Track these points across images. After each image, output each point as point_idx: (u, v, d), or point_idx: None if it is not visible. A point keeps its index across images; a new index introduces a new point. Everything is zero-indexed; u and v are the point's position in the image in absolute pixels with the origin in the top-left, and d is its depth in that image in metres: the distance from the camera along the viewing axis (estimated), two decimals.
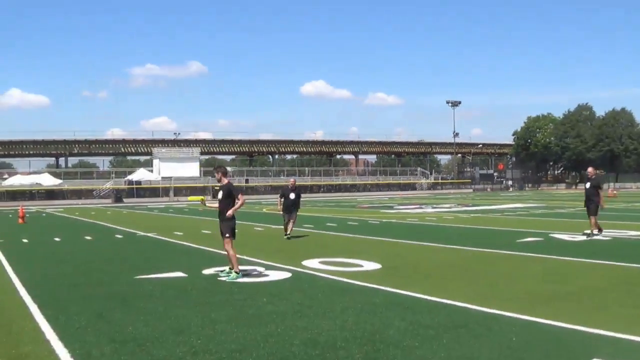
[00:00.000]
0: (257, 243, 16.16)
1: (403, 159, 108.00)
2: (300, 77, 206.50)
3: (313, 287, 9.29)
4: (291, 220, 17.08)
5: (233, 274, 10.12)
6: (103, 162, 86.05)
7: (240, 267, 10.53)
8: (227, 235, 10.23)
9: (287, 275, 10.45)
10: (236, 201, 10.25)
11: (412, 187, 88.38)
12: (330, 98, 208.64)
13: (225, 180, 10.51)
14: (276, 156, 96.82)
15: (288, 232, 16.94)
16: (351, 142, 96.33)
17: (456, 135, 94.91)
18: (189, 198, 14.35)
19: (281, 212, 17.43)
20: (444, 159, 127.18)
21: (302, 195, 23.51)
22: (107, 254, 14.01)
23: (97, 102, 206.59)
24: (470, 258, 12.27)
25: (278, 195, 17.83)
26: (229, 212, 10.17)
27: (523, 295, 8.44)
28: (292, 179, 18.00)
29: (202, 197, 12.62)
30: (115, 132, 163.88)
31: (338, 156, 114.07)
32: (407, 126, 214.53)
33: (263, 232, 19.75)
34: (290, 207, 17.26)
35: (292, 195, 17.34)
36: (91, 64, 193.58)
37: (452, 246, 14.38)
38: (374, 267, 11.18)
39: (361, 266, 11.34)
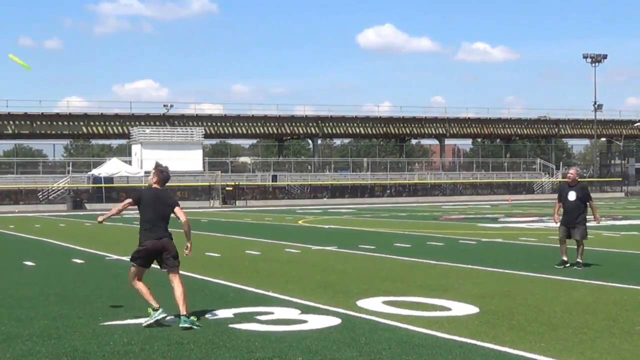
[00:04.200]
0: (289, 272, 16.18)
1: (514, 146, 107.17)
2: (358, 20, 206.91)
3: (373, 340, 9.26)
4: (575, 240, 16.38)
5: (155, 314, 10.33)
6: (54, 149, 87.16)
7: (261, 308, 10.47)
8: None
9: (335, 321, 10.45)
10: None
11: (527, 188, 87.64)
12: (404, 51, 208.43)
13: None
14: (319, 141, 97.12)
15: (564, 257, 16.40)
16: (434, 120, 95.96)
17: (598, 108, 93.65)
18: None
19: (556, 223, 16.98)
20: (577, 145, 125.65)
21: (360, 199, 23.36)
22: (60, 289, 14.19)
23: (44, 55, 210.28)
24: (625, 301, 12.07)
25: (557, 198, 17.13)
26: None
27: None
28: (572, 170, 17.10)
29: None
30: (73, 103, 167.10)
31: (414, 141, 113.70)
32: (522, 94, 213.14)
33: (299, 256, 19.82)
34: (573, 215, 16.50)
35: (571, 195, 16.61)
36: None
37: (592, 281, 14.19)
38: (468, 312, 11.11)
39: (448, 309, 11.29)
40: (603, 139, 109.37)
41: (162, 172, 11.11)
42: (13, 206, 65.18)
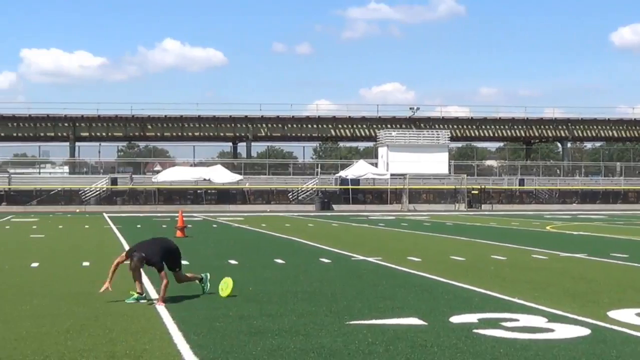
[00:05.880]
0: (536, 279, 15.93)
1: None
2: (613, 19, 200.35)
3: (626, 354, 8.96)
4: None
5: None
6: (304, 151, 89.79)
7: (506, 314, 10.35)
8: None
9: (584, 332, 10.19)
10: None
11: None
12: None
13: None
14: (568, 144, 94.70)
15: None
16: None
17: None
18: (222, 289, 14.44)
19: None
20: None
21: (612, 205, 22.52)
22: (307, 286, 14.58)
23: (295, 60, 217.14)
24: None
25: None
26: None
27: None
28: None
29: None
30: (322, 106, 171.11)
31: None
32: None
33: (546, 263, 19.43)
34: None
35: None
36: (286, 5, 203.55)
37: None
38: None
39: None
40: None
41: None
42: (265, 205, 67.78)
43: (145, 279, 13.87)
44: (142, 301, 12.42)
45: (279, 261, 19.39)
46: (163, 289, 12.26)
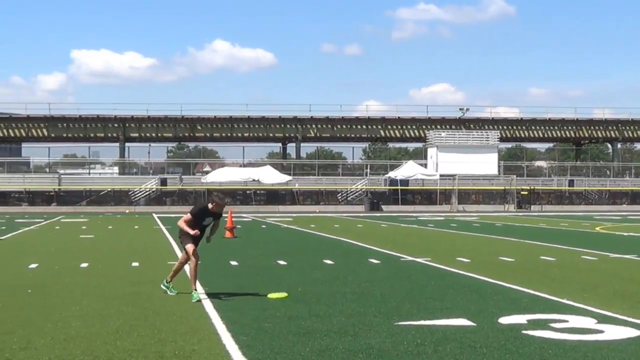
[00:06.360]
0: (585, 280, 15.80)
1: None
2: None
3: None
4: None
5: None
6: (353, 151, 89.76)
7: (555, 315, 10.26)
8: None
9: (634, 333, 10.10)
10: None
11: None
12: None
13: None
14: (618, 144, 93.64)
15: None
16: None
17: None
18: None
19: None
20: None
21: None
22: (356, 287, 14.58)
23: (344, 61, 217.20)
24: None
25: None
26: None
27: None
28: None
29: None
30: (372, 107, 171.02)
31: None
32: None
33: (595, 264, 19.25)
34: None
35: None
36: (335, 6, 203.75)
37: None
38: None
39: None
40: None
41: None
42: (314, 206, 67.84)
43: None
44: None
45: (328, 262, 19.41)
46: (215, 232, 14.18)
